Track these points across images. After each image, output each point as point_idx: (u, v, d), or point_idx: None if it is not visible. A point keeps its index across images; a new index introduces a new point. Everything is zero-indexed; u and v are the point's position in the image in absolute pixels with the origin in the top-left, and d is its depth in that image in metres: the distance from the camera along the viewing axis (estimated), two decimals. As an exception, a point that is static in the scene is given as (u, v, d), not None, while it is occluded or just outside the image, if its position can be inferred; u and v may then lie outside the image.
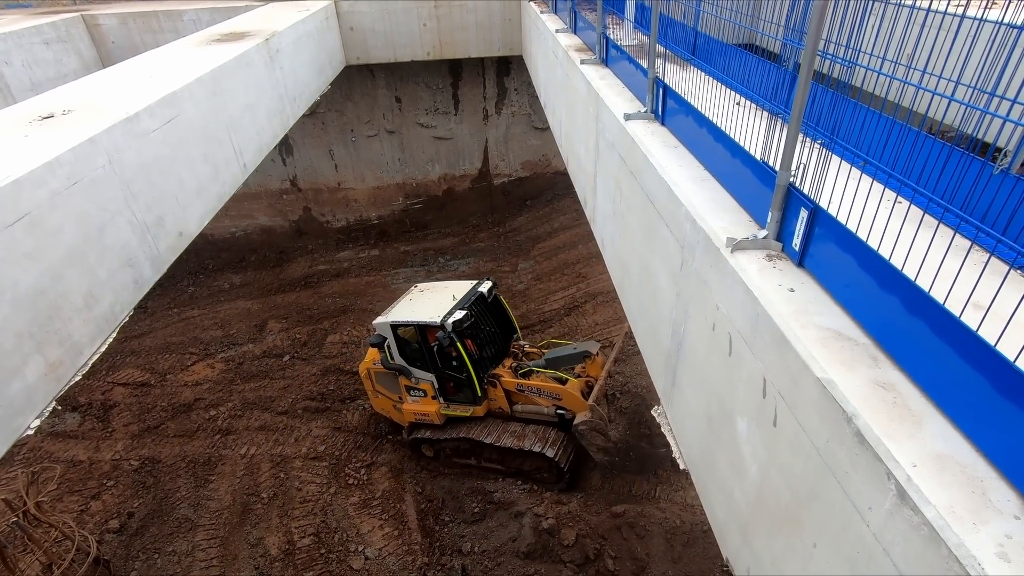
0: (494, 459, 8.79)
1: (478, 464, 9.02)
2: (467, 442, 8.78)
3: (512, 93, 15.02)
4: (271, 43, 7.74)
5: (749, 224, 2.63)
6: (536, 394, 8.39)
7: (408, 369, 8.87)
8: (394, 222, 16.33)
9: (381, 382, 9.45)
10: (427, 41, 12.50)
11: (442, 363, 8.57)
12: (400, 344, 8.77)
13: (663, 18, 4.43)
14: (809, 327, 1.97)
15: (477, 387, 8.43)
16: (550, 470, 8.33)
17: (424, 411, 8.98)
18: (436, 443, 9.16)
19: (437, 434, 9.02)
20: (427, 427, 9.20)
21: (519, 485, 8.58)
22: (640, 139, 3.70)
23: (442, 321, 8.07)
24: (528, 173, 16.21)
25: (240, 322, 13.51)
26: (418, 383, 8.86)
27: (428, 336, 8.33)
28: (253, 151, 7.13)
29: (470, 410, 8.78)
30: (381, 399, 9.70)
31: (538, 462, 8.33)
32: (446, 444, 9.07)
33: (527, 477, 8.67)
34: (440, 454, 9.32)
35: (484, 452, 8.79)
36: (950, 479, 1.44)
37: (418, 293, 9.45)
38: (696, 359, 2.87)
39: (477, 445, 8.72)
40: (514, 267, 14.60)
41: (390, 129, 15.07)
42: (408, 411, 9.15)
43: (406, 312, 8.79)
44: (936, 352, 1.63)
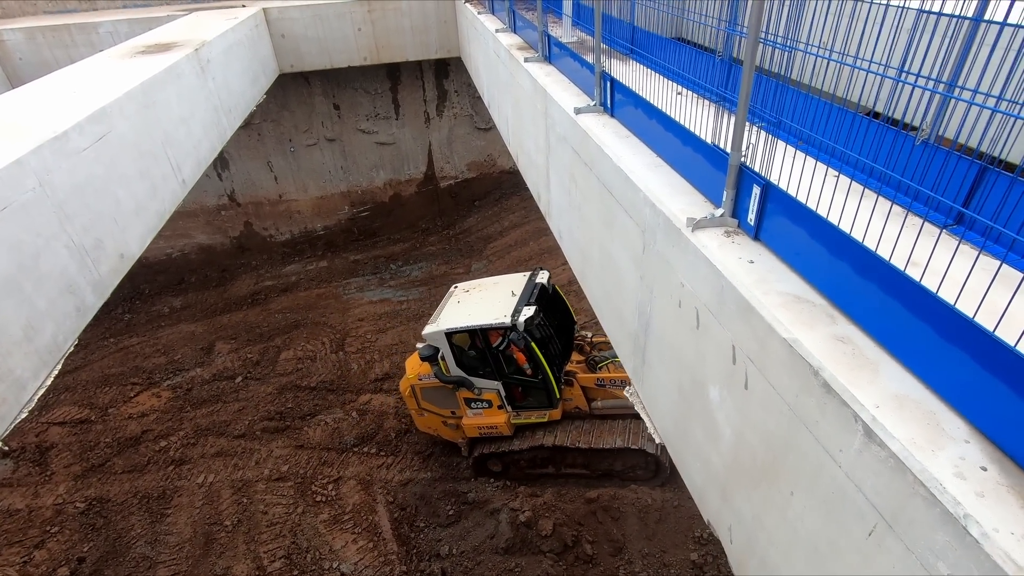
0: (579, 463, 8.17)
1: (557, 472, 8.34)
2: (546, 450, 8.04)
3: (452, 95, 15.02)
4: (201, 53, 7.46)
5: (705, 204, 2.78)
6: (618, 386, 7.73)
7: (469, 380, 8.02)
8: (341, 232, 16.00)
9: (429, 398, 8.54)
10: (363, 46, 12.33)
11: (508, 367, 7.83)
12: (456, 353, 7.91)
13: (604, 14, 4.59)
14: (771, 294, 2.12)
15: (556, 388, 7.66)
16: (647, 466, 7.80)
17: (491, 423, 8.14)
18: (507, 456, 8.29)
19: (507, 446, 8.16)
20: (490, 441, 8.39)
21: (492, 483, 8.62)
22: (593, 131, 3.83)
23: (513, 321, 7.26)
24: (474, 174, 16.25)
25: (185, 346, 12.90)
26: (481, 394, 8.02)
27: (490, 340, 7.57)
28: (192, 166, 6.86)
29: (546, 415, 8.02)
30: (428, 417, 8.80)
31: (634, 459, 7.76)
32: (520, 456, 8.24)
33: (619, 477, 8.05)
34: (510, 468, 8.56)
35: (567, 458, 8.14)
36: (908, 415, 1.60)
37: (463, 294, 8.63)
38: (664, 336, 3.01)
39: (559, 451, 7.99)
40: (468, 268, 14.60)
41: (330, 137, 14.76)
42: (470, 426, 8.32)
43: (460, 317, 7.84)
44: (885, 305, 1.81)
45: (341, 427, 10.41)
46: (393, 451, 9.76)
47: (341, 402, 11.03)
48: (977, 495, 1.38)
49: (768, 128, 2.47)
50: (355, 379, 11.58)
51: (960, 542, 1.34)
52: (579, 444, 7.80)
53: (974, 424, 1.55)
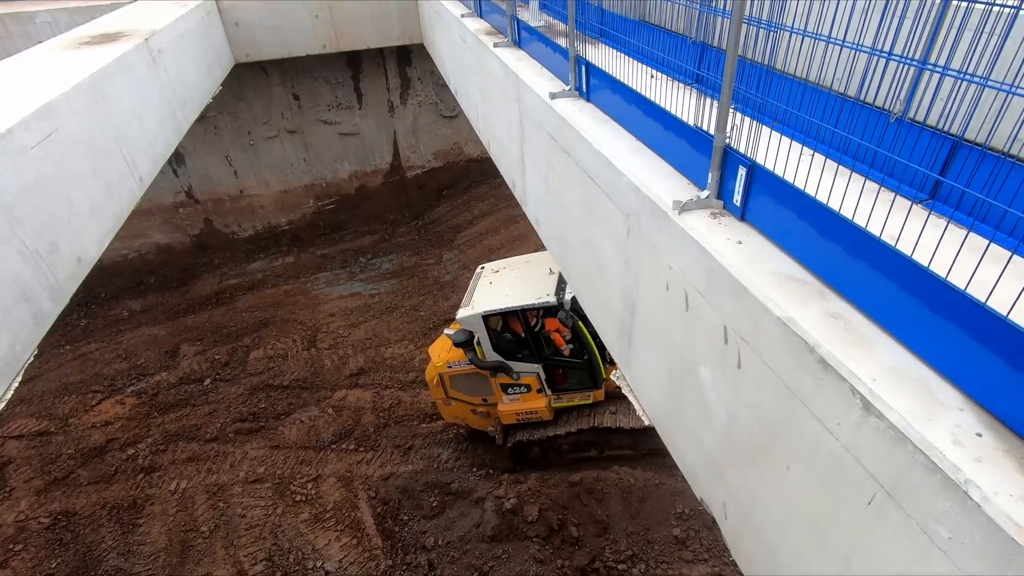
0: (624, 444, 7.96)
1: (600, 455, 8.11)
2: (591, 432, 7.77)
3: (416, 83, 14.74)
4: (152, 43, 7.10)
5: (689, 187, 2.80)
6: None
7: (507, 365, 7.69)
8: (306, 226, 15.62)
9: (458, 386, 8.26)
10: (321, 34, 11.96)
11: (548, 349, 7.57)
12: (493, 337, 7.55)
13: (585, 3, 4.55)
14: (762, 273, 2.15)
15: (602, 368, 7.39)
16: None
17: (530, 408, 7.85)
18: (547, 442, 8.06)
19: (547, 432, 7.91)
20: (526, 427, 8.13)
21: (475, 472, 8.64)
22: (570, 117, 3.80)
23: (559, 299, 6.94)
24: (441, 163, 16.05)
25: (147, 351, 12.44)
26: (519, 378, 7.72)
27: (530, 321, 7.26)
28: (148, 163, 6.55)
29: (589, 396, 7.77)
30: (456, 406, 8.53)
31: None
32: (562, 440, 7.99)
33: (663, 455, 7.72)
34: (549, 453, 8.35)
35: (612, 440, 7.91)
36: (905, 387, 1.65)
37: (493, 275, 8.28)
38: (652, 319, 3.03)
39: (603, 434, 7.72)
40: (439, 259, 14.48)
41: (291, 129, 14.33)
42: (507, 412, 8.03)
43: (496, 299, 7.48)
44: (876, 281, 1.85)
45: (317, 425, 10.24)
46: (372, 446, 9.66)
47: (316, 399, 10.84)
48: (975, 460, 1.43)
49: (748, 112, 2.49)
50: (329, 375, 11.39)
51: (961, 506, 1.39)
52: (625, 424, 7.63)
53: (967, 392, 1.61)
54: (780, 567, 2.21)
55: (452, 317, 12.62)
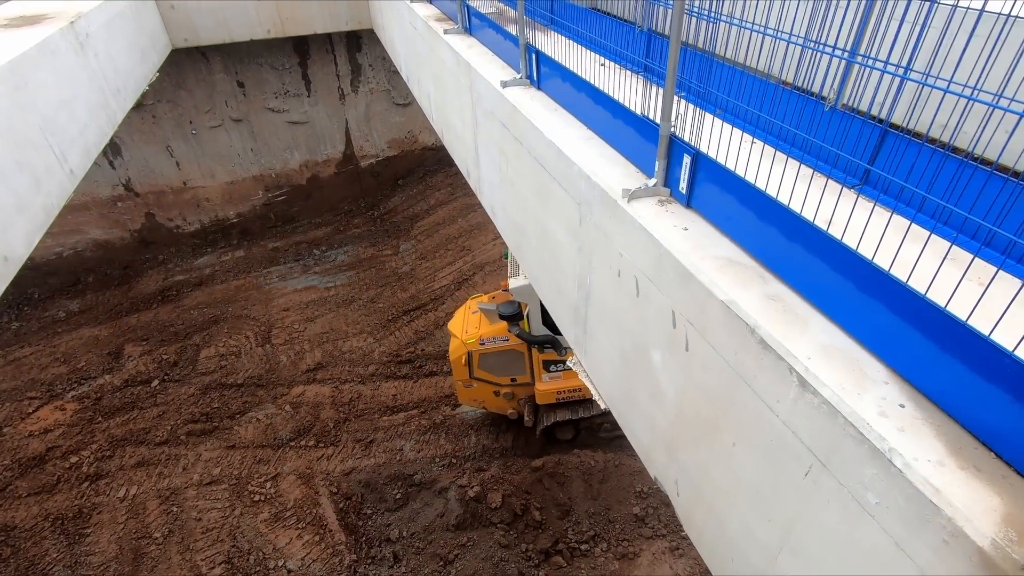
0: None
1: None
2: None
3: (367, 69, 14.39)
4: (78, 26, 6.66)
5: (638, 175, 2.85)
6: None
7: (556, 339, 7.39)
8: (256, 218, 15.10)
9: (486, 366, 7.91)
10: (265, 17, 11.49)
11: None
12: (545, 310, 7.13)
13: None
14: (706, 259, 2.22)
15: None
16: None
17: (574, 386, 7.60)
18: (582, 422, 7.88)
19: (584, 411, 7.74)
20: (565, 407, 7.93)
21: (438, 462, 8.64)
22: (521, 105, 3.80)
23: None
24: (396, 151, 15.77)
25: (88, 353, 11.82)
26: (566, 354, 7.40)
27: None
28: (79, 153, 6.18)
29: None
30: (478, 388, 8.20)
31: None
32: (602, 420, 7.84)
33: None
34: (581, 433, 8.19)
35: None
36: (836, 363, 1.75)
37: None
38: (605, 305, 3.09)
39: None
40: (396, 249, 14.28)
41: (236, 117, 13.76)
42: (546, 392, 7.75)
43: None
44: (809, 263, 1.94)
45: (274, 422, 10.01)
46: (332, 441, 9.52)
47: (272, 397, 10.58)
48: (898, 430, 1.53)
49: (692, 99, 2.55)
50: (285, 372, 11.12)
51: (886, 473, 1.49)
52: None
53: (892, 367, 1.72)
54: (729, 538, 2.32)
55: (412, 308, 12.53)
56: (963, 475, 1.41)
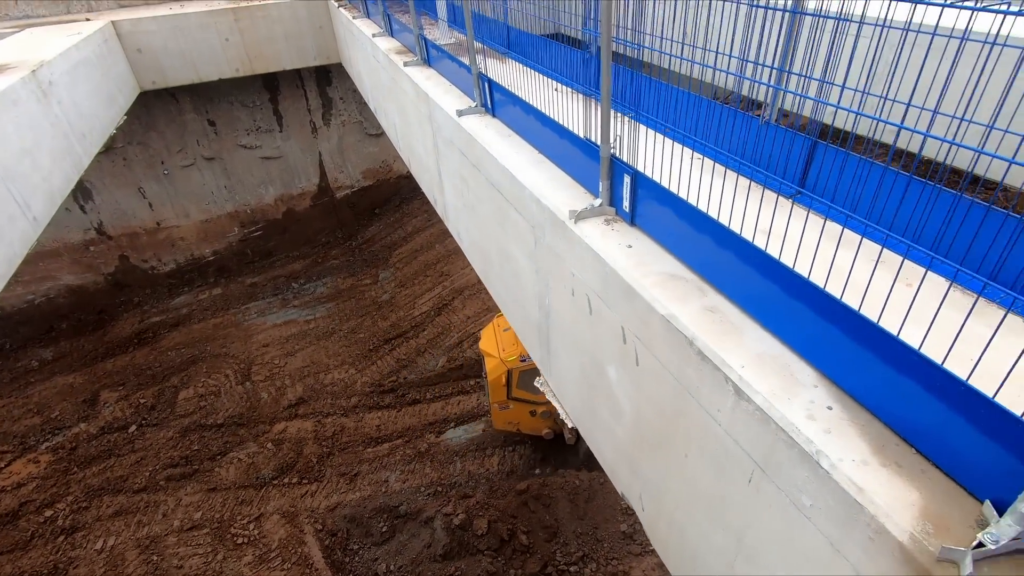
0: None
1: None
2: None
3: (338, 102, 14.53)
4: (40, 75, 6.69)
5: (585, 196, 2.93)
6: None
7: None
8: (233, 255, 15.01)
9: (525, 384, 7.66)
10: (233, 57, 11.60)
11: None
12: None
13: (478, 15, 4.66)
14: (649, 275, 2.28)
15: None
16: None
17: None
18: None
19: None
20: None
21: (423, 491, 8.52)
22: (476, 133, 3.89)
23: None
24: (371, 181, 15.86)
25: (63, 402, 11.56)
26: None
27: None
28: (43, 201, 6.15)
29: None
30: (514, 409, 7.91)
31: None
32: None
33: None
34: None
35: None
36: (768, 370, 1.80)
37: None
38: (564, 324, 3.13)
39: None
40: (375, 278, 14.26)
41: (208, 156, 13.77)
42: None
43: None
44: (742, 274, 2.01)
45: (256, 461, 9.82)
46: (316, 477, 9.36)
47: (254, 435, 10.40)
48: (825, 432, 1.58)
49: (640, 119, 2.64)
50: (267, 409, 10.96)
51: (815, 475, 1.53)
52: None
53: (820, 370, 1.77)
54: (690, 548, 2.34)
55: (393, 336, 12.47)
56: (885, 472, 1.46)
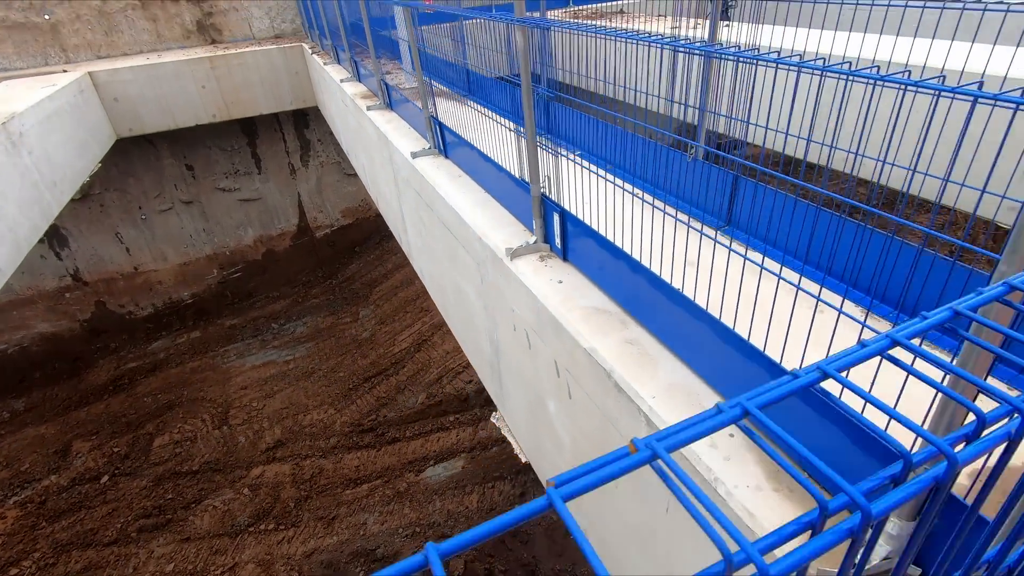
0: None
1: None
2: None
3: (316, 144, 14.76)
4: (10, 127, 6.78)
5: (524, 233, 3.01)
6: None
7: None
8: (212, 297, 14.93)
9: None
10: (210, 103, 11.82)
11: None
12: None
13: (440, 60, 4.85)
14: (574, 309, 2.35)
15: None
16: None
17: None
18: None
19: None
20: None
21: (400, 533, 8.34)
22: (428, 174, 4.00)
23: None
24: (350, 220, 15.98)
25: (33, 453, 11.25)
26: None
27: None
28: (9, 251, 6.15)
29: None
30: None
31: None
32: None
33: None
34: None
35: None
36: (678, 400, 1.85)
37: None
38: (511, 360, 3.18)
39: None
40: (355, 316, 14.23)
41: (186, 200, 13.85)
42: None
43: None
44: (656, 307, 2.08)
45: (232, 508, 9.57)
46: (293, 522, 9.13)
47: (230, 481, 10.17)
48: (724, 459, 1.62)
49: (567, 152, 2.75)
50: (244, 453, 10.74)
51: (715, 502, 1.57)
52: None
53: (725, 397, 1.83)
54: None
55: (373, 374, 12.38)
56: (777, 497, 1.50)
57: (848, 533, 0.45)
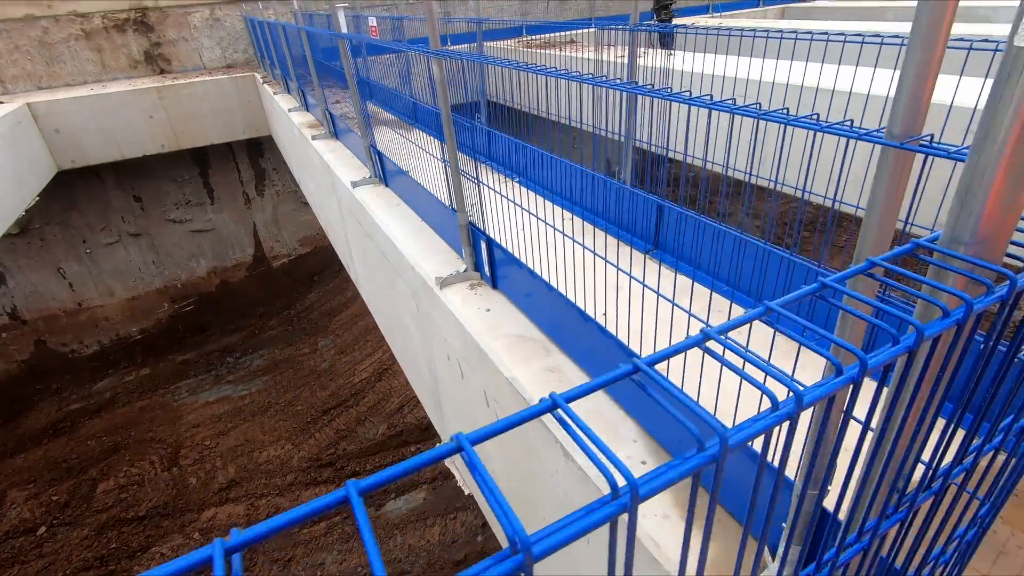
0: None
1: None
2: None
3: (271, 173, 14.55)
4: (-67, 161, 6.45)
5: (457, 261, 2.99)
6: None
7: None
8: (162, 332, 14.38)
9: None
10: (158, 133, 11.55)
11: None
12: None
13: (388, 89, 4.85)
14: (499, 337, 2.32)
15: None
16: None
17: None
18: None
19: None
20: None
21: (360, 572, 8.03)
22: (367, 203, 3.96)
23: None
24: (308, 249, 15.72)
25: (-38, 506, 10.48)
26: None
27: None
28: (-73, 291, 5.78)
29: None
30: None
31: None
32: None
33: None
34: None
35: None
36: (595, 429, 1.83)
37: None
38: (448, 389, 3.12)
39: None
40: (314, 347, 13.89)
41: (134, 232, 13.41)
42: None
43: None
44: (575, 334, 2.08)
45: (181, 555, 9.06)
46: (246, 567, 8.70)
47: (179, 525, 9.65)
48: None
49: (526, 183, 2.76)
50: (195, 495, 10.24)
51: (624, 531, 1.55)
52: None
53: (641, 425, 1.82)
54: (564, 617, 2.28)
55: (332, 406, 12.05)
56: (683, 525, 1.49)
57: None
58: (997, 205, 0.63)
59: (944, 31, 0.76)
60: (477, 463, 0.43)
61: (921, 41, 0.77)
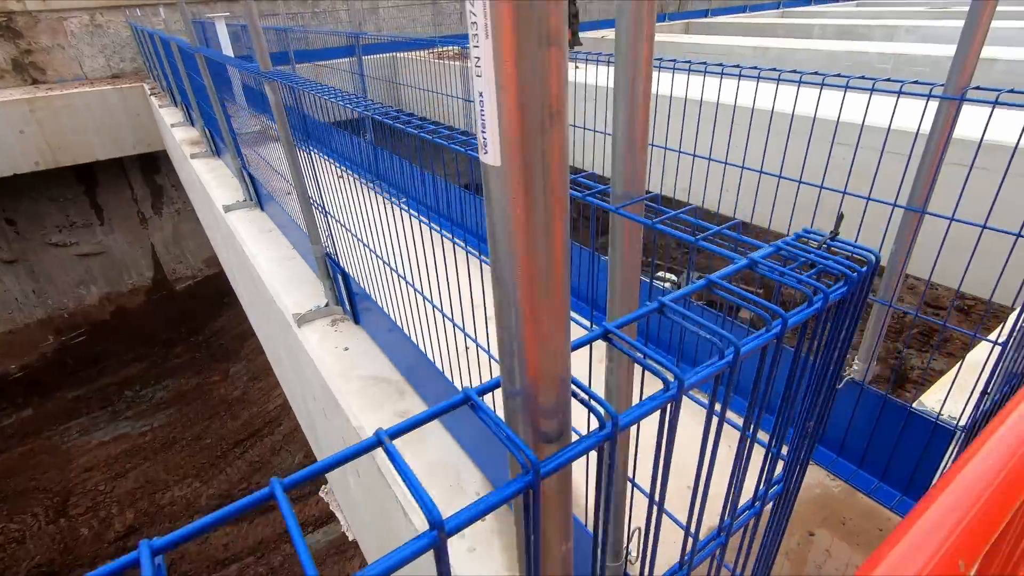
0: None
1: None
2: None
3: (170, 190, 13.56)
4: None
5: (321, 294, 2.80)
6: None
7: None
8: (48, 367, 13.02)
9: None
10: (31, 149, 10.47)
11: None
12: None
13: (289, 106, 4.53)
14: (353, 380, 2.16)
15: None
16: None
17: None
18: None
19: None
20: None
21: (275, 616, 7.52)
22: (238, 229, 3.68)
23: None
24: (216, 268, 14.75)
25: None
26: None
27: None
28: None
29: None
30: None
31: None
32: None
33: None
34: None
35: None
36: (438, 479, 1.71)
37: None
38: (320, 428, 2.92)
39: None
40: (225, 374, 13.03)
41: (9, 259, 12.08)
42: None
43: None
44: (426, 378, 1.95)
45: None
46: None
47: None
48: (469, 551, 1.49)
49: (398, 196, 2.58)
50: (86, 548, 9.28)
51: (458, 598, 1.43)
52: None
53: (485, 474, 1.71)
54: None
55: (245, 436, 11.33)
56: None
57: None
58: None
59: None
60: (395, 453, 0.44)
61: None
